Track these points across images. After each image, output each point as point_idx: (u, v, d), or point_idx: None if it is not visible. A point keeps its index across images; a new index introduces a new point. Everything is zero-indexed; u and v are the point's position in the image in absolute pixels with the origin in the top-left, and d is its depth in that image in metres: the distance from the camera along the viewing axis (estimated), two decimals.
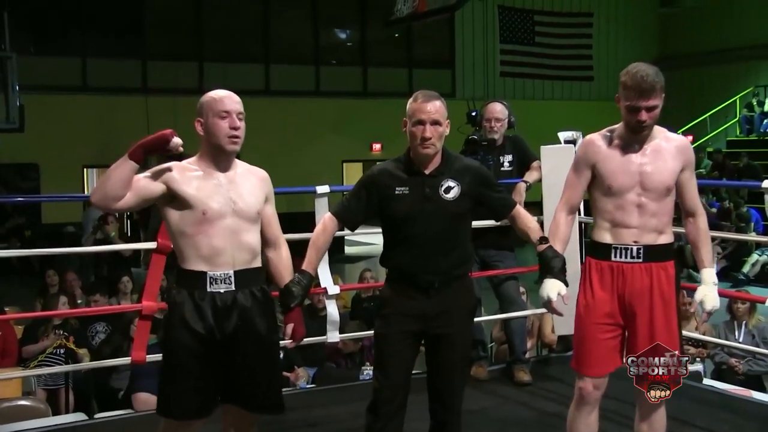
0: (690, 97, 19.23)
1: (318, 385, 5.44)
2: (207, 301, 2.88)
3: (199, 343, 2.87)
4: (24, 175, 15.21)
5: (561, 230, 3.21)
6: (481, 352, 5.17)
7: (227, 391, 2.95)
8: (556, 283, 3.09)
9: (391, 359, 3.14)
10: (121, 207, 2.85)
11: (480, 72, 18.55)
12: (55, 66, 15.31)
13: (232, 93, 2.98)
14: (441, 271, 3.12)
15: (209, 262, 2.88)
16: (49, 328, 6.22)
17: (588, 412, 3.17)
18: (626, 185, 3.07)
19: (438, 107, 3.09)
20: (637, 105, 2.99)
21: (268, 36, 17.34)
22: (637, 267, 3.08)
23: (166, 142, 2.87)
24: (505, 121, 5.11)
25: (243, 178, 2.99)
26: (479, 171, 3.24)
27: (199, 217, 2.87)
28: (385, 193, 3.13)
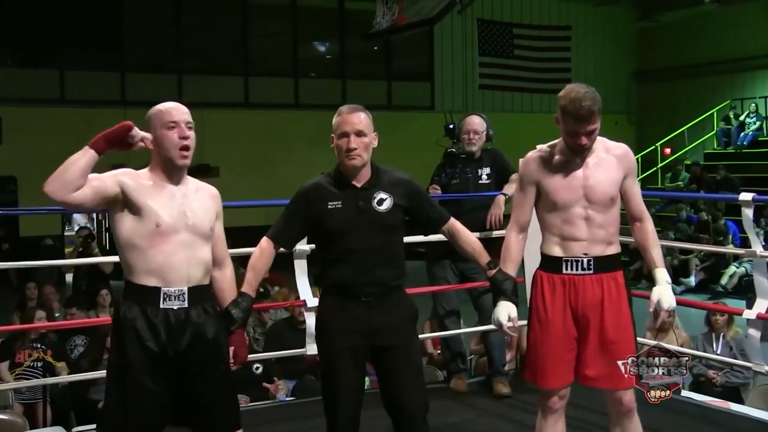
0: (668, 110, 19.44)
1: (297, 398, 5.42)
2: (160, 318, 2.80)
3: (152, 361, 2.79)
4: (2, 188, 15.11)
5: (512, 250, 3.24)
6: (461, 365, 5.17)
7: (179, 412, 2.89)
8: (507, 305, 3.13)
9: (342, 389, 3.10)
10: (76, 199, 2.73)
11: (459, 85, 18.63)
12: (33, 78, 15.26)
13: (179, 104, 2.94)
14: (380, 283, 3.12)
15: (162, 278, 2.81)
16: (26, 342, 6.17)
17: (554, 420, 3.19)
18: (571, 200, 3.10)
19: (362, 119, 3.11)
20: (577, 131, 3.03)
21: (247, 48, 17.35)
22: (588, 278, 3.10)
23: (128, 130, 2.81)
24: (484, 133, 5.13)
25: (195, 194, 2.94)
26: (411, 184, 3.26)
27: (152, 229, 2.80)
28: (317, 208, 3.13)
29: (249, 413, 4.61)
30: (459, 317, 5.21)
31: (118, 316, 2.87)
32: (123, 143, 2.84)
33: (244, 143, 16.32)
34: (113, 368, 2.89)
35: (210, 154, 13.89)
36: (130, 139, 2.84)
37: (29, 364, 6.09)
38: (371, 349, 3.13)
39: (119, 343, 2.84)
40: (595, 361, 3.08)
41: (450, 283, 5.02)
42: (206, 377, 2.88)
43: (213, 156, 14.32)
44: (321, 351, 3.23)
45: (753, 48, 18.54)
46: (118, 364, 2.85)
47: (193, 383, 2.86)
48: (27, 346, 6.18)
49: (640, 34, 21.33)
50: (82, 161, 2.73)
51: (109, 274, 9.66)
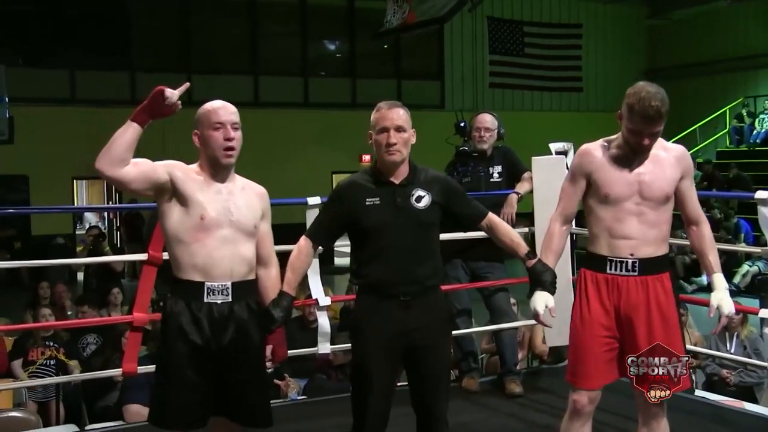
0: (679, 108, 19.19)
1: (309, 397, 5.43)
2: (204, 312, 2.87)
3: (195, 354, 2.86)
4: (13, 187, 15.16)
5: (555, 242, 3.21)
6: (472, 364, 5.16)
7: (218, 403, 2.94)
8: (544, 295, 3.09)
9: (374, 388, 3.09)
10: (126, 176, 2.77)
11: (469, 83, 18.59)
12: (43, 78, 15.30)
13: (227, 104, 2.97)
14: (417, 281, 3.09)
15: (206, 273, 2.87)
16: (39, 340, 6.20)
17: (581, 424, 3.15)
18: (624, 194, 3.05)
19: (401, 114, 3.09)
20: (642, 131, 2.98)
21: (256, 47, 17.36)
22: (632, 280, 3.06)
23: (162, 96, 2.81)
24: (495, 131, 5.12)
25: (242, 192, 2.99)
26: (447, 181, 3.25)
27: (197, 222, 2.86)
28: (355, 205, 3.11)
29: None
30: (470, 316, 5.20)
31: (165, 310, 2.94)
32: (161, 109, 2.83)
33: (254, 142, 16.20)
34: (159, 361, 2.97)
35: None
36: (167, 101, 2.83)
37: (42, 362, 6.12)
38: (404, 348, 3.11)
39: (165, 336, 2.91)
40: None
41: (461, 282, 5.01)
42: (248, 372, 2.94)
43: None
44: (354, 349, 3.21)
45: (765, 45, 18.42)
46: (164, 358, 2.93)
47: (234, 377, 2.91)
48: (40, 345, 6.20)
49: (651, 31, 21.24)
50: (125, 135, 2.77)
51: (120, 272, 9.68)
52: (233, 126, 2.92)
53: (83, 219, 19.10)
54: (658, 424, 3.13)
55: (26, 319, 7.27)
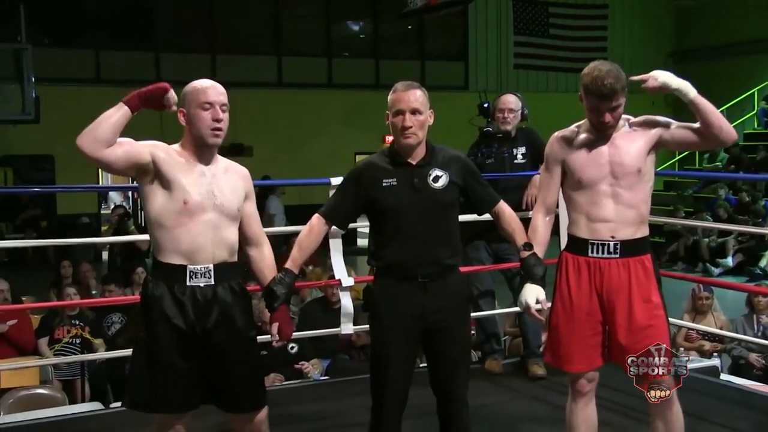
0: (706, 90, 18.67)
1: (331, 377, 5.44)
2: (187, 296, 2.82)
3: (179, 338, 2.81)
4: (39, 167, 15.30)
5: (539, 233, 3.21)
6: (495, 346, 5.15)
7: (206, 390, 2.90)
8: (535, 288, 3.10)
9: (392, 369, 3.08)
10: (108, 157, 2.72)
11: (493, 64, 18.50)
12: (69, 58, 15.40)
13: (216, 84, 2.92)
14: (436, 262, 3.08)
15: (189, 257, 2.83)
16: (64, 318, 6.26)
17: (584, 404, 3.14)
18: (596, 176, 3.04)
19: (418, 96, 3.06)
20: (599, 108, 2.98)
21: (281, 28, 17.35)
22: (614, 262, 3.05)
23: (164, 92, 2.83)
24: (518, 112, 5.08)
25: (225, 174, 2.93)
26: (465, 161, 3.23)
27: (180, 206, 2.80)
28: (372, 186, 3.09)
29: (283, 392, 4.65)
30: (493, 298, 5.19)
31: (146, 294, 2.89)
32: (157, 104, 2.86)
33: (278, 123, 16.34)
34: (142, 345, 2.91)
35: (243, 134, 13.90)
36: (165, 101, 2.85)
37: (67, 340, 6.18)
38: (423, 330, 3.10)
39: (148, 321, 2.87)
40: (627, 347, 3.01)
41: (484, 264, 4.99)
42: (233, 355, 2.89)
43: (246, 136, 14.31)
44: (373, 331, 3.21)
45: None
46: (146, 342, 2.87)
47: (219, 361, 2.87)
48: (65, 323, 6.26)
49: (678, 12, 20.99)
50: (114, 117, 2.75)
51: (144, 251, 9.74)
52: (222, 107, 2.87)
53: (108, 198, 19.22)
54: (670, 409, 3.10)
55: (50, 298, 7.34)
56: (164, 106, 2.86)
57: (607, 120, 2.99)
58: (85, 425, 4.27)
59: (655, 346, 2.99)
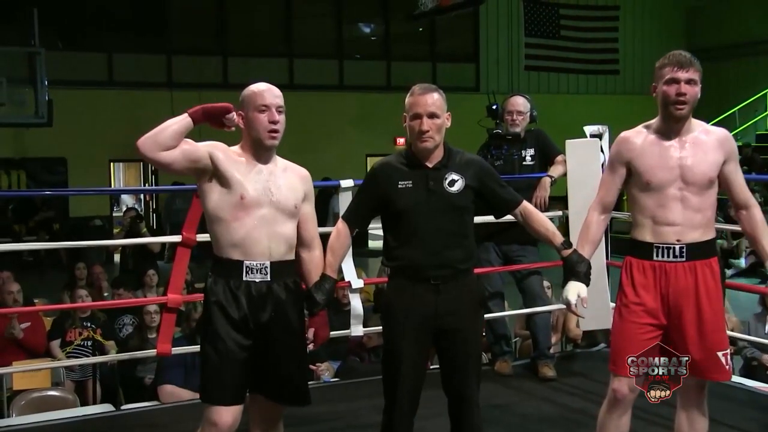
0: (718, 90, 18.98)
1: (342, 379, 5.45)
2: (242, 290, 2.90)
3: (234, 329, 2.89)
4: (52, 169, 15.38)
5: (592, 231, 3.17)
6: (505, 347, 5.15)
7: (256, 380, 2.97)
8: (577, 285, 3.07)
9: (404, 370, 3.09)
10: (166, 159, 2.83)
11: (504, 66, 18.49)
12: (82, 61, 15.47)
13: (272, 86, 3.01)
14: (448, 265, 3.08)
15: (245, 251, 2.90)
16: (76, 321, 6.29)
17: (620, 414, 3.10)
18: (666, 180, 2.99)
19: (435, 99, 3.06)
20: (677, 76, 2.94)
21: (292, 30, 17.39)
22: (680, 266, 3.00)
23: (227, 112, 2.94)
24: (527, 114, 5.08)
25: (283, 172, 3.02)
26: (482, 164, 3.23)
27: (237, 201, 2.89)
28: (388, 187, 3.11)
29: None
30: (503, 300, 5.19)
31: (206, 288, 2.99)
32: (218, 121, 2.97)
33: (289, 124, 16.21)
34: (203, 338, 3.00)
35: None
36: (227, 121, 2.96)
37: (79, 342, 6.20)
38: (435, 332, 3.11)
39: (208, 314, 2.96)
40: (694, 352, 2.98)
41: (493, 266, 5.00)
42: (285, 351, 2.97)
43: None
44: (385, 333, 3.22)
45: None
46: (207, 335, 2.96)
47: (271, 355, 2.95)
48: (77, 325, 6.28)
49: (689, 12, 20.93)
50: (177, 125, 2.86)
51: (156, 254, 9.76)
52: (278, 109, 2.97)
53: (120, 201, 19.30)
54: (698, 414, 3.10)
55: (63, 300, 7.38)
56: (223, 125, 2.97)
57: (683, 90, 2.94)
58: (97, 427, 4.30)
59: (723, 351, 2.99)
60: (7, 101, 12.31)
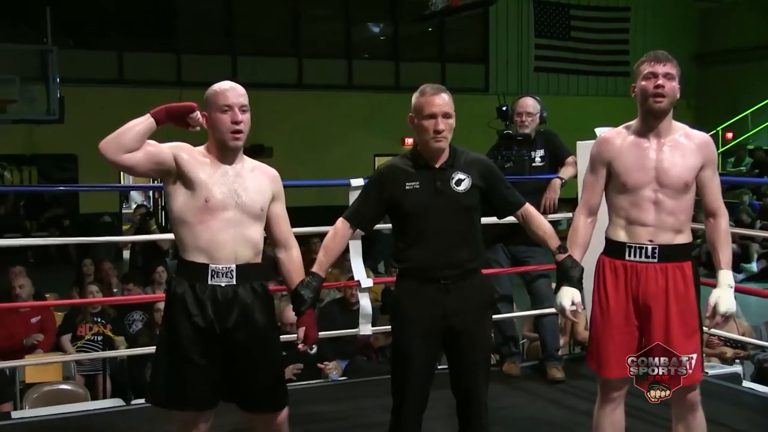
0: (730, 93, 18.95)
1: (349, 378, 5.47)
2: (208, 295, 2.84)
3: (199, 336, 2.83)
4: (62, 166, 15.44)
5: (580, 235, 3.18)
6: (513, 349, 5.15)
7: (227, 389, 2.92)
8: (571, 291, 3.07)
9: (413, 370, 3.09)
10: (129, 162, 2.78)
11: (514, 67, 18.47)
12: (92, 59, 15.54)
13: (236, 85, 2.94)
14: (457, 265, 3.08)
15: (210, 255, 2.84)
16: (87, 316, 6.33)
17: (612, 409, 3.13)
18: (641, 181, 3.02)
19: (447, 100, 3.07)
20: (654, 70, 2.98)
21: (300, 30, 17.41)
22: (652, 267, 3.02)
23: (190, 111, 2.88)
24: (537, 116, 5.08)
25: (251, 173, 2.95)
26: (488, 164, 3.23)
27: (201, 204, 2.83)
28: (395, 189, 3.10)
29: (302, 392, 4.67)
30: (511, 301, 5.19)
31: (169, 291, 2.93)
32: (181, 121, 2.91)
33: (298, 124, 16.39)
34: (164, 343, 2.94)
35: (264, 135, 13.92)
36: (190, 120, 2.90)
37: (89, 337, 6.25)
38: (444, 332, 3.11)
39: (170, 318, 2.90)
40: (660, 355, 2.99)
41: (502, 266, 5.00)
42: (253, 356, 2.90)
43: (267, 136, 14.32)
44: (394, 333, 3.22)
45: None
46: (168, 339, 2.90)
47: (239, 361, 2.89)
48: (88, 320, 6.34)
49: (702, 14, 20.82)
50: (140, 126, 2.81)
51: (165, 251, 9.80)
52: (241, 109, 2.88)
53: (129, 198, 19.38)
54: (694, 416, 3.10)
55: (72, 296, 7.43)
56: (188, 125, 2.92)
57: (661, 82, 2.97)
58: (108, 421, 4.31)
59: (687, 357, 2.98)
60: (19, 98, 12.40)
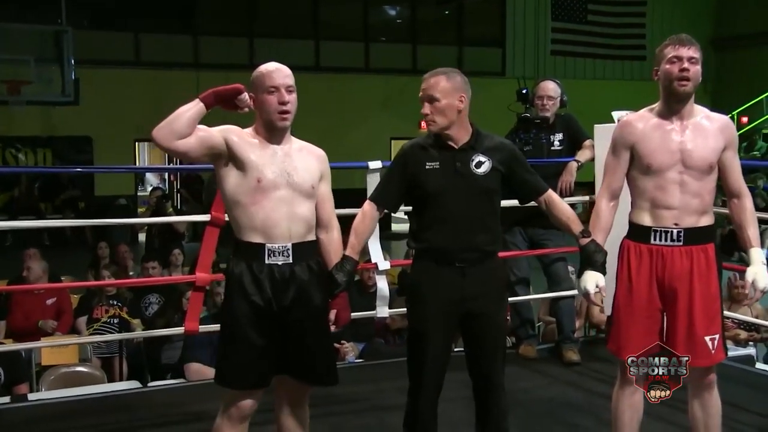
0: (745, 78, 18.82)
1: (366, 360, 5.48)
2: (265, 274, 2.89)
3: (257, 314, 2.89)
4: (78, 148, 15.48)
5: (602, 219, 3.17)
6: (530, 331, 5.16)
7: (282, 362, 2.97)
8: (594, 275, 3.07)
9: (430, 353, 3.10)
10: (183, 147, 2.81)
11: (531, 50, 18.38)
12: (109, 41, 15.55)
13: (282, 66, 2.95)
14: (475, 248, 3.07)
15: (266, 234, 2.89)
16: (103, 299, 6.36)
17: (631, 392, 3.13)
18: (666, 163, 3.01)
19: (433, 83, 3.05)
20: (679, 54, 2.97)
21: (318, 12, 17.37)
22: (677, 250, 3.02)
23: (238, 94, 2.90)
24: (557, 99, 5.07)
25: (299, 153, 2.99)
26: (511, 149, 3.21)
27: (254, 185, 2.87)
28: (416, 168, 3.09)
29: None
30: (528, 284, 5.19)
31: (227, 271, 2.98)
32: (230, 104, 2.93)
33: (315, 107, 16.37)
34: (224, 322, 3.00)
35: None
36: (239, 102, 2.92)
37: (106, 320, 6.28)
38: (461, 315, 3.11)
39: (229, 298, 2.96)
40: (683, 336, 3.00)
41: (519, 249, 5.00)
42: (310, 331, 2.96)
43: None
44: (411, 315, 3.22)
45: None
46: (228, 319, 2.96)
47: (297, 337, 2.94)
48: (104, 303, 6.36)
49: None
50: (191, 112, 2.83)
51: (182, 233, 9.81)
52: (288, 89, 2.91)
53: (144, 181, 19.44)
54: (711, 396, 3.11)
55: (88, 278, 7.46)
56: (236, 107, 2.93)
57: (686, 66, 2.96)
58: (125, 402, 4.35)
59: (711, 336, 3.00)
60: (34, 79, 12.43)
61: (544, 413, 4.14)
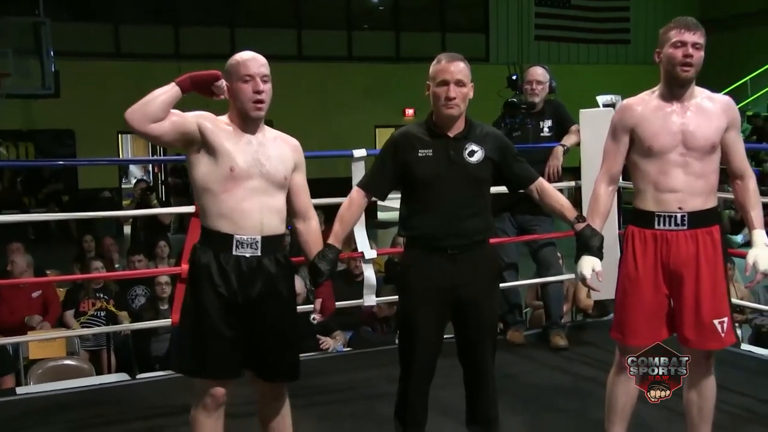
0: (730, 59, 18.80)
1: (354, 349, 5.48)
2: (232, 265, 2.84)
3: (222, 305, 2.84)
4: (60, 142, 15.39)
5: (601, 203, 3.15)
6: (518, 317, 5.17)
7: (246, 357, 2.92)
8: (591, 259, 3.04)
9: (420, 340, 3.09)
10: (155, 131, 2.75)
11: (514, 36, 18.36)
12: (89, 32, 15.43)
13: (257, 55, 2.91)
14: (465, 235, 3.07)
15: (235, 224, 2.84)
16: (89, 292, 6.33)
17: (627, 378, 3.11)
18: (668, 145, 2.98)
19: (461, 68, 3.04)
20: (684, 39, 2.94)
21: (300, 1, 17.29)
22: (682, 234, 2.99)
23: (215, 80, 2.86)
24: (546, 84, 5.07)
25: (273, 143, 2.95)
26: (503, 139, 3.21)
27: (226, 173, 2.82)
28: (408, 156, 3.08)
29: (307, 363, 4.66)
30: (517, 270, 5.20)
31: (193, 260, 2.93)
32: (206, 90, 2.89)
33: (298, 96, 16.35)
34: (188, 312, 2.94)
35: None
36: (215, 89, 2.88)
37: (93, 313, 6.25)
38: (451, 302, 3.11)
39: (194, 287, 2.90)
40: (692, 321, 2.99)
41: (508, 235, 5.00)
42: (275, 326, 2.91)
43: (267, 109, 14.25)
44: (401, 303, 3.22)
45: None
46: (193, 308, 2.90)
47: (262, 332, 2.90)
48: (90, 296, 6.34)
49: None
50: (165, 95, 2.77)
51: (167, 225, 9.77)
52: (263, 78, 2.87)
53: (128, 173, 19.35)
54: (708, 380, 3.11)
55: (74, 272, 7.42)
56: (213, 93, 2.89)
57: (690, 52, 2.94)
58: (113, 395, 4.34)
59: (719, 319, 2.99)
60: (13, 72, 12.31)
61: (532, 398, 4.15)
